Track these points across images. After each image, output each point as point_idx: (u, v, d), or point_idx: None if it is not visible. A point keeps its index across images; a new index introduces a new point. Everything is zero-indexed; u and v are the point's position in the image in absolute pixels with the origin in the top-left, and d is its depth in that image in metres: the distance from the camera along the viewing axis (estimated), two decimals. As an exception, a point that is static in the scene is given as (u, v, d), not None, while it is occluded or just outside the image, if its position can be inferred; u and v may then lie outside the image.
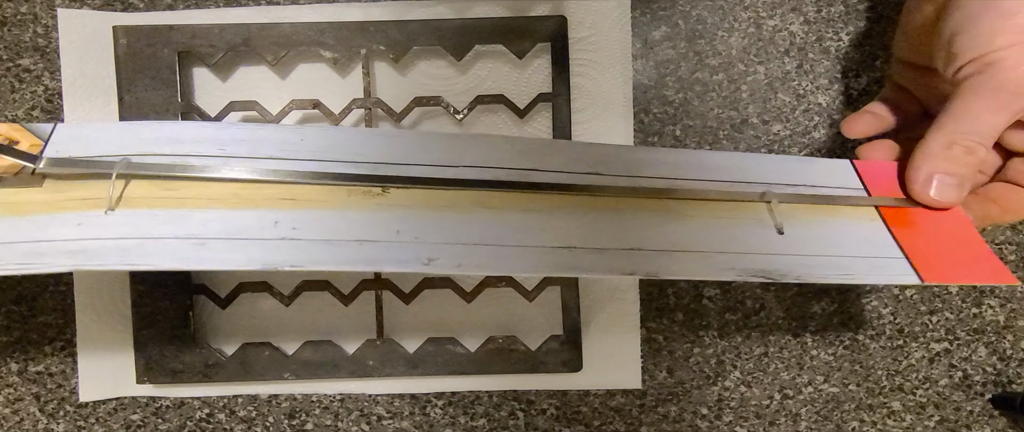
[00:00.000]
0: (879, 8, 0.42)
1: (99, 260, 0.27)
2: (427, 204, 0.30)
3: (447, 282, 0.41)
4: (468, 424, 0.43)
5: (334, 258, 0.28)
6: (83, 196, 0.29)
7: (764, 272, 0.30)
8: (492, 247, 0.29)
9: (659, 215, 0.31)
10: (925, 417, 0.44)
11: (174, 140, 0.30)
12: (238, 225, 0.29)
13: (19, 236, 0.28)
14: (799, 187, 0.33)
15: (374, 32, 0.39)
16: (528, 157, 0.31)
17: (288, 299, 0.41)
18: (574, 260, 0.29)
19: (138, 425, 0.42)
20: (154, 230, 0.28)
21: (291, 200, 0.30)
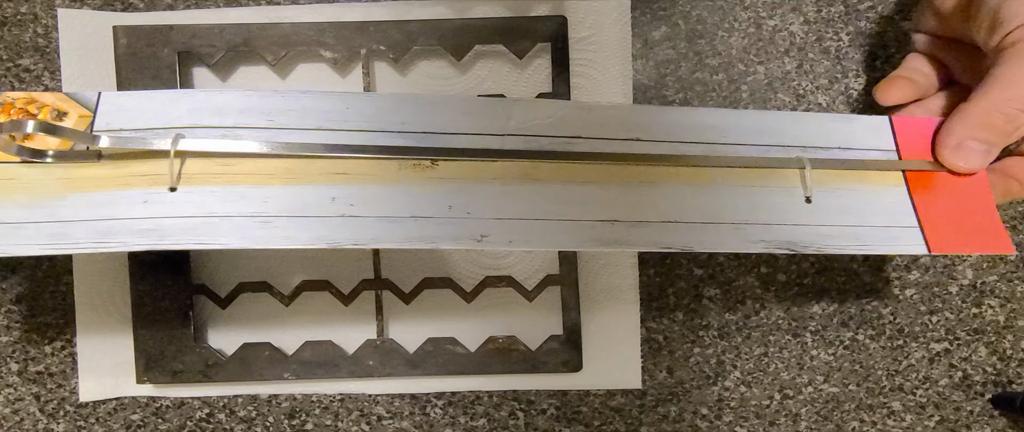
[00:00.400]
0: (879, 8, 0.42)
1: (171, 239, 0.28)
2: (475, 176, 0.30)
3: (447, 282, 0.41)
4: (468, 424, 0.43)
5: (393, 235, 0.29)
6: (143, 172, 0.29)
7: (790, 244, 0.31)
8: (540, 222, 0.30)
9: (695, 185, 0.31)
10: (925, 417, 0.44)
11: (221, 110, 0.30)
12: (298, 202, 0.29)
13: (89, 214, 0.29)
14: (833, 150, 0.33)
15: (374, 32, 0.39)
16: (570, 123, 0.31)
17: (288, 299, 0.41)
18: (616, 234, 0.30)
19: (138, 425, 0.42)
20: (218, 208, 0.29)
21: (344, 174, 0.30)
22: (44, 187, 0.29)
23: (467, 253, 0.42)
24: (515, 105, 0.32)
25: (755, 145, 0.33)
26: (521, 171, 0.31)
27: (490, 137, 0.31)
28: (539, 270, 0.42)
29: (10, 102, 0.30)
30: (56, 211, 0.29)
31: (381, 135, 0.31)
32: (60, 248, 0.28)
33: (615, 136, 0.32)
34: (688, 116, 0.33)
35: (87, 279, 0.41)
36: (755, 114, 0.34)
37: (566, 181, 0.31)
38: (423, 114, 0.31)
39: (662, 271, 0.42)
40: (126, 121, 0.30)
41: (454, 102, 0.32)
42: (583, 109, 0.32)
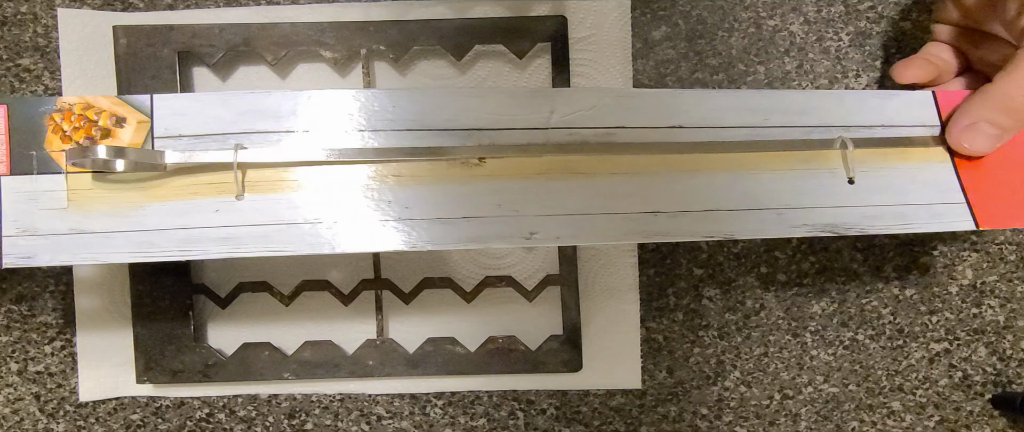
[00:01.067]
0: (879, 8, 0.42)
1: (247, 247, 0.30)
2: (521, 173, 0.31)
3: (447, 282, 0.41)
4: (468, 424, 0.43)
5: (448, 237, 0.30)
6: (210, 181, 0.31)
7: (832, 226, 0.31)
8: (585, 216, 0.31)
9: (735, 172, 0.32)
10: (925, 417, 0.44)
11: (273, 114, 0.31)
12: (355, 207, 0.30)
13: (169, 223, 0.30)
14: (875, 129, 0.33)
15: (374, 32, 0.39)
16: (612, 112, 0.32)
17: (288, 299, 0.41)
18: (659, 225, 0.31)
19: (138, 425, 0.42)
20: (284, 215, 0.30)
21: (397, 177, 0.31)
22: (124, 198, 0.30)
23: (467, 253, 0.42)
24: (557, 96, 0.32)
25: (797, 127, 0.33)
26: (565, 165, 0.31)
27: (534, 131, 0.32)
28: (539, 270, 0.42)
29: (68, 108, 0.30)
30: (140, 220, 0.30)
31: (429, 133, 0.31)
32: (148, 256, 0.30)
33: (657, 124, 0.32)
34: (729, 99, 0.33)
35: (87, 279, 0.41)
36: (796, 94, 0.33)
37: (609, 174, 0.31)
38: (468, 109, 0.32)
39: (662, 271, 0.42)
40: (183, 126, 0.31)
41: (498, 95, 0.32)
42: (624, 96, 0.32)
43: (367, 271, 0.41)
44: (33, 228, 0.30)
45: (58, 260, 0.30)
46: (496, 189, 0.31)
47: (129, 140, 0.30)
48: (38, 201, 0.30)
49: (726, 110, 0.33)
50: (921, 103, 0.34)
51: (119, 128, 0.30)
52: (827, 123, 0.33)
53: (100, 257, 0.30)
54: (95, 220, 0.30)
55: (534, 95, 0.32)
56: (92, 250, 0.30)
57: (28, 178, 0.30)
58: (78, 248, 0.30)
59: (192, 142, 0.31)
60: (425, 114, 0.31)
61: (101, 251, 0.30)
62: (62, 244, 0.30)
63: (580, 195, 0.31)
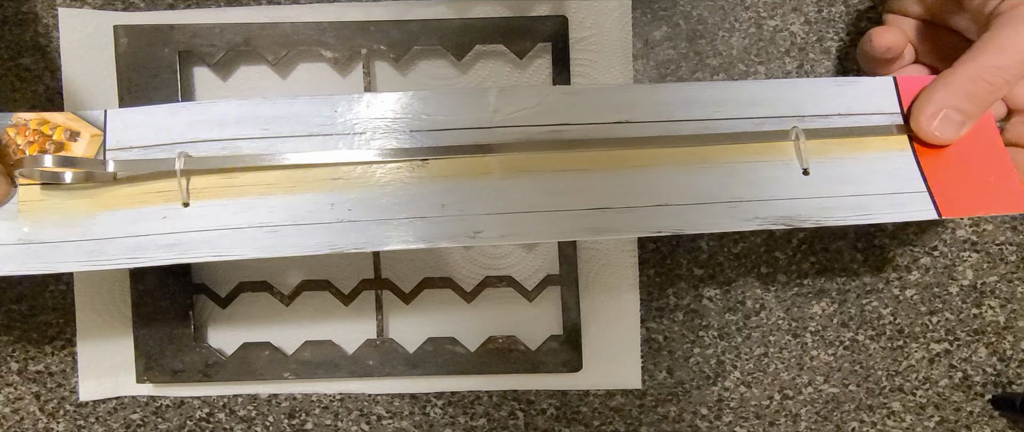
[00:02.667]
0: (880, 8, 0.42)
1: (194, 252, 0.30)
2: (465, 173, 0.31)
3: (447, 282, 0.41)
4: (468, 424, 0.43)
5: (392, 238, 0.31)
6: (158, 189, 0.31)
7: (786, 219, 0.31)
8: (531, 214, 0.31)
9: (686, 166, 0.32)
10: (925, 418, 0.44)
11: (219, 123, 0.32)
12: (300, 210, 0.31)
13: (119, 231, 0.30)
14: (832, 118, 0.33)
15: (375, 32, 0.39)
16: (557, 109, 0.32)
17: (288, 299, 0.41)
18: (606, 221, 0.31)
19: (138, 424, 0.42)
20: (229, 220, 0.31)
21: (340, 180, 0.31)
22: (74, 207, 0.31)
23: (467, 253, 0.42)
24: (500, 95, 0.32)
25: (750, 118, 0.32)
26: (511, 164, 0.31)
27: (478, 130, 0.32)
28: (539, 270, 0.42)
29: (23, 124, 0.31)
30: (89, 229, 0.30)
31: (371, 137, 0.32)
32: (98, 264, 0.30)
33: (604, 120, 0.32)
34: (678, 92, 0.32)
35: (87, 279, 0.41)
36: (749, 85, 0.33)
37: (556, 171, 0.31)
38: (410, 112, 0.32)
39: (662, 271, 0.42)
40: (134, 138, 0.31)
41: (439, 96, 0.32)
42: (569, 94, 0.32)
43: (367, 271, 0.41)
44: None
45: (5, 269, 0.30)
46: (441, 190, 0.31)
47: (82, 153, 0.31)
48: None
49: (674, 104, 0.32)
50: (882, 90, 0.33)
51: (73, 142, 0.31)
52: (782, 113, 0.33)
53: (49, 267, 0.30)
54: (45, 230, 0.30)
55: (475, 94, 0.32)
56: (41, 260, 0.30)
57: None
58: (27, 258, 0.30)
59: (143, 153, 0.31)
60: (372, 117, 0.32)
61: (50, 260, 0.30)
62: (12, 254, 0.30)
63: (526, 193, 0.31)
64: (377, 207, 0.31)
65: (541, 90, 0.32)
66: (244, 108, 0.32)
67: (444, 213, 0.31)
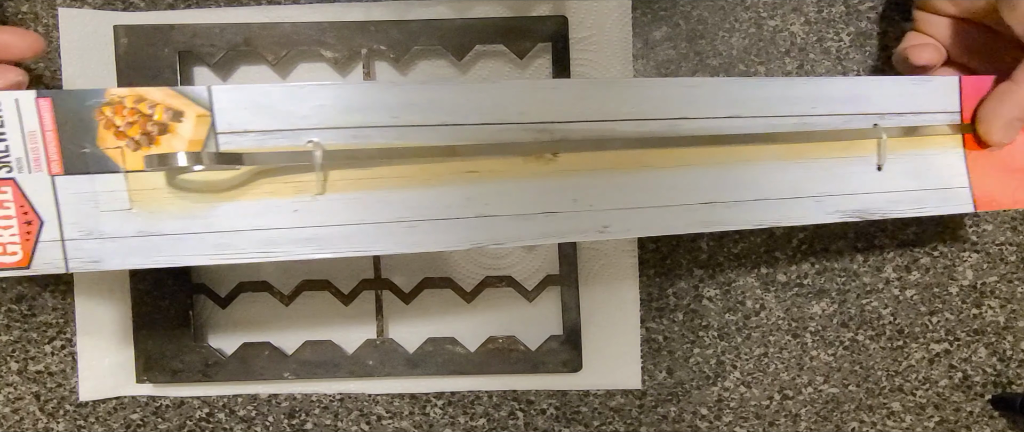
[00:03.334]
0: (880, 8, 0.42)
1: (332, 248, 0.29)
2: (594, 167, 0.31)
3: (447, 282, 0.41)
4: (468, 424, 0.43)
5: (527, 234, 0.30)
6: (288, 179, 0.29)
7: (861, 212, 0.33)
8: (653, 209, 0.32)
9: (783, 161, 0.33)
10: (925, 418, 0.44)
11: (346, 108, 0.29)
12: (437, 205, 0.30)
13: (245, 224, 0.29)
14: (906, 116, 0.35)
15: (375, 32, 0.39)
16: (676, 103, 0.32)
17: (288, 299, 0.41)
18: (715, 215, 0.32)
19: (138, 424, 0.42)
20: (366, 215, 0.29)
21: (475, 173, 0.30)
22: (191, 198, 0.29)
23: (467, 253, 0.42)
24: (626, 87, 0.32)
25: (839, 115, 0.34)
26: (633, 159, 0.32)
27: (603, 123, 0.32)
28: (539, 270, 0.42)
29: (118, 101, 0.28)
30: (212, 222, 0.29)
31: (503, 127, 0.31)
32: (227, 258, 0.29)
33: (716, 114, 0.33)
34: (782, 88, 0.33)
35: (87, 278, 0.41)
36: (841, 81, 0.35)
37: (673, 166, 0.32)
38: (541, 102, 0.31)
39: (662, 271, 0.42)
40: (248, 121, 0.29)
41: (569, 86, 0.32)
42: (687, 86, 0.32)
43: (367, 271, 0.41)
44: (97, 231, 0.28)
45: (128, 263, 0.28)
46: (571, 184, 0.31)
47: (190, 136, 0.28)
48: (99, 202, 0.28)
49: (779, 99, 0.33)
50: (946, 89, 0.35)
51: (177, 123, 0.28)
52: (865, 110, 0.34)
53: (175, 260, 0.28)
54: (163, 222, 0.28)
55: (603, 86, 0.32)
56: (165, 253, 0.28)
57: (85, 178, 0.28)
58: (149, 251, 0.28)
59: (260, 138, 0.29)
60: (497, 107, 0.31)
61: (175, 254, 0.28)
62: (132, 247, 0.28)
63: (646, 188, 0.32)
64: (512, 201, 0.30)
65: (662, 83, 0.33)
66: (372, 93, 0.30)
67: (575, 207, 0.31)
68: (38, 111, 0.27)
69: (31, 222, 0.28)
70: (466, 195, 0.30)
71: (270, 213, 0.29)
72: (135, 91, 0.28)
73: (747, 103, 0.33)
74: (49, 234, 0.28)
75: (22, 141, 0.27)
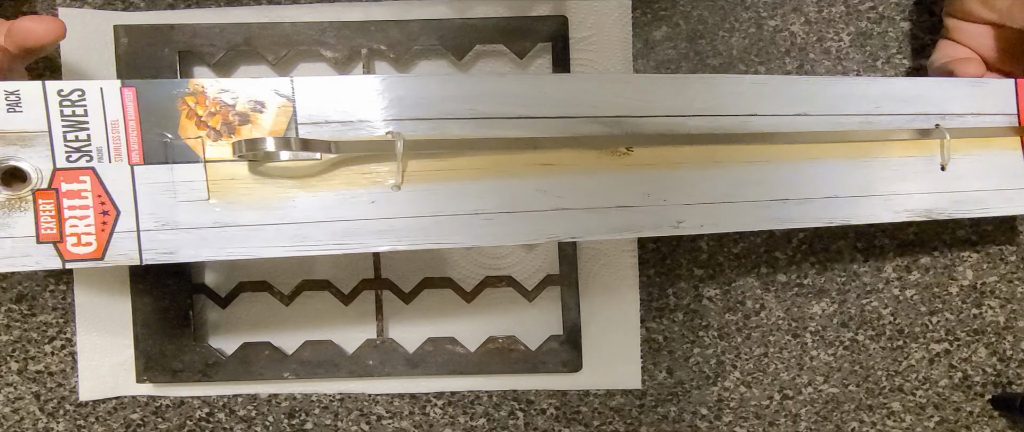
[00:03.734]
0: (880, 8, 0.42)
1: (409, 240, 0.29)
2: (666, 162, 0.31)
3: (447, 282, 0.41)
4: (468, 424, 0.43)
5: (601, 227, 0.30)
6: (364, 171, 0.29)
7: (927, 211, 0.34)
8: (725, 204, 0.32)
9: (851, 160, 0.33)
10: (925, 418, 0.44)
11: (424, 100, 0.30)
12: (511, 197, 0.30)
13: (322, 215, 0.29)
14: (966, 117, 0.35)
15: (375, 32, 0.39)
16: (746, 99, 0.32)
17: (288, 299, 0.41)
18: (787, 212, 0.32)
19: (138, 424, 0.42)
20: (443, 206, 0.29)
21: (549, 166, 0.30)
22: (268, 189, 0.28)
23: (467, 253, 0.42)
24: (697, 83, 0.32)
25: (903, 114, 0.34)
26: (704, 154, 0.32)
27: (676, 118, 0.32)
28: (539, 270, 0.42)
29: (202, 90, 0.28)
30: (288, 213, 0.28)
31: (578, 121, 0.31)
32: (303, 250, 0.28)
33: (785, 111, 0.33)
34: (848, 87, 0.34)
35: (88, 278, 0.41)
36: (903, 82, 0.35)
37: (744, 162, 0.32)
38: (615, 96, 0.31)
39: (662, 271, 0.42)
40: (328, 111, 0.29)
41: (641, 82, 0.32)
42: (757, 83, 0.33)
43: (367, 271, 0.41)
44: (173, 222, 0.28)
45: (202, 255, 0.28)
46: (644, 178, 0.31)
47: (271, 126, 0.28)
48: (177, 193, 0.28)
49: (845, 98, 0.33)
50: (1005, 91, 0.35)
51: (258, 113, 0.28)
52: (928, 111, 0.34)
53: (250, 252, 0.28)
54: (240, 213, 0.28)
55: (677, 81, 0.32)
56: (240, 244, 0.28)
57: (165, 168, 0.27)
58: (224, 242, 0.28)
59: (340, 129, 0.29)
60: (571, 101, 0.31)
61: (250, 245, 0.28)
62: (207, 238, 0.28)
63: (719, 183, 0.32)
64: (585, 194, 0.30)
65: (734, 79, 0.33)
66: (450, 85, 0.30)
67: (649, 202, 0.31)
68: (122, 100, 0.27)
69: (107, 212, 0.27)
70: (542, 187, 0.30)
71: (347, 204, 0.29)
72: (219, 81, 0.28)
73: (814, 101, 0.33)
74: (125, 225, 0.27)
75: (104, 130, 0.27)
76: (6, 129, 0.26)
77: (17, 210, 0.27)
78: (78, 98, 0.27)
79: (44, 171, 0.27)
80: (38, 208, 0.27)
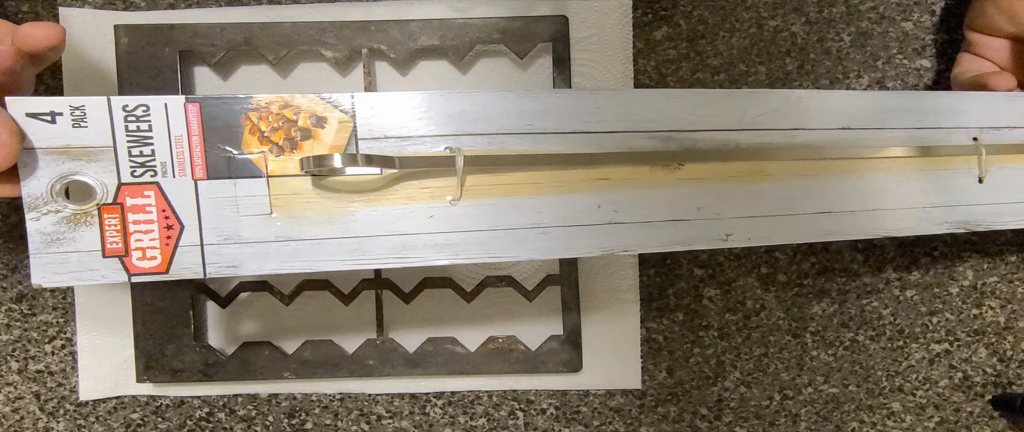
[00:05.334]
0: (881, 9, 0.42)
1: (466, 253, 0.29)
2: (716, 177, 0.32)
3: (447, 282, 0.41)
4: (468, 424, 0.43)
5: (656, 240, 0.31)
6: (423, 185, 0.29)
7: (966, 223, 0.34)
8: (773, 218, 0.32)
9: (893, 173, 0.34)
10: (925, 418, 0.44)
11: (482, 116, 0.30)
12: (568, 211, 0.30)
13: (382, 229, 0.29)
14: (1003, 131, 0.36)
15: (375, 31, 0.39)
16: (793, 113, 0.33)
17: (288, 299, 0.41)
18: (831, 225, 0.33)
19: (138, 424, 0.42)
20: (499, 221, 0.30)
21: (605, 180, 0.31)
22: (330, 203, 0.29)
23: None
24: (746, 98, 0.33)
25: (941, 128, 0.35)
26: (754, 169, 0.33)
27: (727, 132, 0.32)
28: (539, 270, 0.42)
29: (264, 107, 0.28)
30: (350, 227, 0.29)
31: (632, 135, 0.31)
32: (363, 264, 0.29)
33: (829, 125, 0.34)
34: (891, 100, 0.34)
35: (87, 278, 0.41)
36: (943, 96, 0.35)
37: (790, 177, 0.33)
38: (669, 111, 0.32)
39: (662, 271, 0.42)
40: (387, 126, 0.29)
41: (696, 96, 0.32)
42: (804, 98, 0.33)
43: (367, 271, 0.41)
44: (236, 236, 0.28)
45: (266, 269, 0.28)
46: (695, 192, 0.32)
47: (332, 141, 0.29)
48: (239, 207, 0.28)
49: (888, 112, 0.34)
50: None
51: (320, 129, 0.29)
52: (967, 124, 0.35)
53: (312, 265, 0.29)
54: (303, 227, 0.29)
55: (728, 96, 0.33)
56: (303, 258, 0.29)
57: (228, 182, 0.28)
58: (287, 256, 0.28)
59: (399, 144, 0.29)
60: (628, 116, 0.31)
61: (312, 259, 0.29)
62: (269, 252, 0.28)
63: (766, 197, 0.32)
64: (640, 208, 0.31)
65: (782, 95, 0.33)
66: (507, 101, 0.30)
67: (700, 216, 0.32)
68: (186, 116, 0.27)
69: (172, 227, 0.28)
70: (597, 202, 0.31)
71: (406, 219, 0.29)
72: (281, 97, 0.28)
73: (857, 116, 0.34)
74: (189, 239, 0.28)
75: (169, 145, 0.27)
76: (72, 144, 0.27)
77: (83, 224, 0.27)
78: (143, 113, 0.27)
79: (109, 186, 0.27)
80: (103, 223, 0.27)
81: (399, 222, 0.29)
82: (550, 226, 0.30)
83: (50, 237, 0.27)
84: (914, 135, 0.34)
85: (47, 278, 0.27)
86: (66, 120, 0.27)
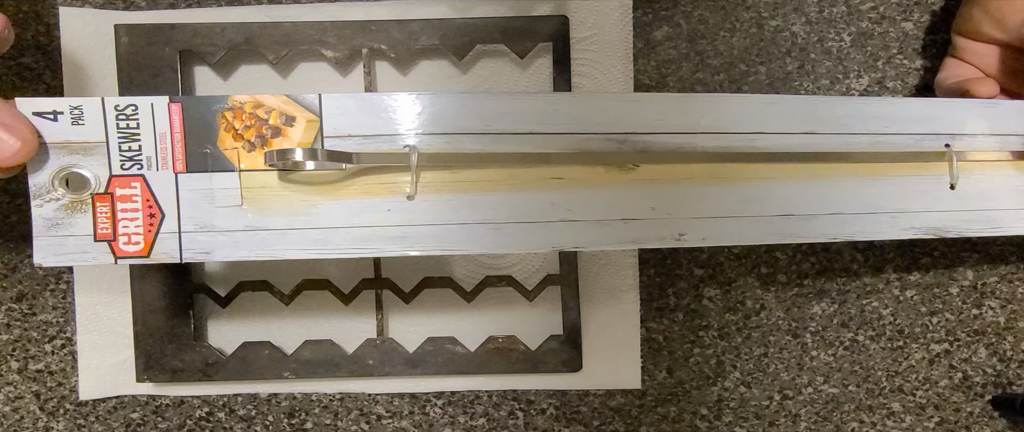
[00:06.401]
0: (881, 9, 0.42)
1: (421, 246, 0.31)
2: (671, 178, 0.33)
3: (447, 282, 0.41)
4: (468, 424, 0.43)
5: (608, 238, 0.32)
6: (382, 181, 0.31)
7: (935, 229, 0.35)
8: (729, 219, 0.33)
9: (858, 178, 0.34)
10: (925, 418, 0.44)
11: (441, 116, 0.31)
12: (522, 208, 0.32)
13: (341, 221, 0.31)
14: (978, 137, 0.35)
15: (375, 31, 0.39)
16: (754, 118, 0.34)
17: (288, 298, 0.41)
18: (791, 227, 0.33)
19: (138, 423, 0.42)
20: (455, 216, 0.31)
21: (559, 180, 0.32)
22: (296, 196, 0.31)
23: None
24: (706, 102, 0.33)
25: (912, 134, 0.35)
26: (711, 171, 0.33)
27: (684, 136, 0.33)
28: (539, 270, 0.42)
29: (239, 107, 0.30)
30: (314, 218, 0.31)
31: (588, 137, 0.32)
32: (324, 253, 0.31)
33: (793, 130, 0.34)
34: (857, 107, 0.35)
35: (88, 277, 0.41)
36: (914, 103, 0.35)
37: (750, 180, 0.33)
38: (626, 114, 0.33)
39: (662, 271, 0.42)
40: (351, 126, 0.31)
41: (653, 101, 0.33)
42: (765, 103, 0.34)
43: (367, 271, 0.41)
44: (211, 225, 0.30)
45: (235, 255, 0.30)
46: (650, 193, 0.32)
47: (299, 139, 0.31)
48: (214, 199, 0.30)
49: (854, 117, 0.34)
50: (1018, 113, 0.36)
51: (289, 127, 0.31)
52: (939, 131, 0.35)
53: (277, 253, 0.31)
54: (270, 218, 0.31)
55: (684, 100, 0.33)
56: (269, 247, 0.31)
57: (205, 176, 0.30)
58: (254, 244, 0.31)
59: (362, 142, 0.31)
60: (584, 118, 0.32)
61: (278, 248, 0.31)
62: (239, 240, 0.31)
63: (723, 199, 0.33)
64: (593, 207, 0.32)
65: (742, 99, 0.34)
66: (467, 103, 0.32)
67: (653, 215, 0.32)
68: (169, 115, 0.30)
69: (154, 215, 0.30)
70: (550, 200, 0.32)
71: (366, 212, 0.31)
72: (254, 98, 0.31)
73: (822, 120, 0.34)
74: (168, 227, 0.30)
75: (154, 141, 0.30)
76: (71, 140, 0.29)
77: (78, 212, 0.30)
78: (132, 112, 0.30)
79: (102, 177, 0.30)
80: (96, 210, 0.30)
81: (359, 215, 0.31)
82: (502, 222, 0.31)
83: (51, 222, 0.30)
84: (881, 141, 0.34)
85: (48, 258, 0.30)
86: (66, 118, 0.29)
